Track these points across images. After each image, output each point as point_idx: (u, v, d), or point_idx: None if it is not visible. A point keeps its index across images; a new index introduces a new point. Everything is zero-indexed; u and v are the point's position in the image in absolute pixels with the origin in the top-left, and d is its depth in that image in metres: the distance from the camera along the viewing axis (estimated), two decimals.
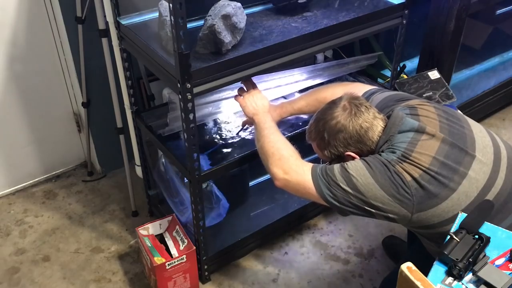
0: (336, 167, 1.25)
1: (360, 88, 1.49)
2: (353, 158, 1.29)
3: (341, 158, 1.31)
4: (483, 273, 0.94)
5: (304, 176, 1.28)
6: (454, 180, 1.19)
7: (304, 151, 1.41)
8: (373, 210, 1.21)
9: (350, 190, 1.21)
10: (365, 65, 2.07)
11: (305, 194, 1.29)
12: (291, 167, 1.31)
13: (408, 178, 1.18)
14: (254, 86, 1.60)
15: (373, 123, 1.28)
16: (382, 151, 1.25)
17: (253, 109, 1.54)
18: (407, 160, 1.20)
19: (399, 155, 1.21)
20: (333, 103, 1.33)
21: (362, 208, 1.22)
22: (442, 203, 1.18)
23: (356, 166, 1.23)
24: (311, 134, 1.36)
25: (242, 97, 1.58)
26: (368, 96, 1.44)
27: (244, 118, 1.66)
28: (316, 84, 1.94)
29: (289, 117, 1.69)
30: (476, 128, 1.31)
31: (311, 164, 1.31)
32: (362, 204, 1.21)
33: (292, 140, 1.42)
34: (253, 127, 1.56)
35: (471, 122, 1.33)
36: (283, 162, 1.33)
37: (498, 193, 1.22)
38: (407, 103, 1.34)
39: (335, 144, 1.29)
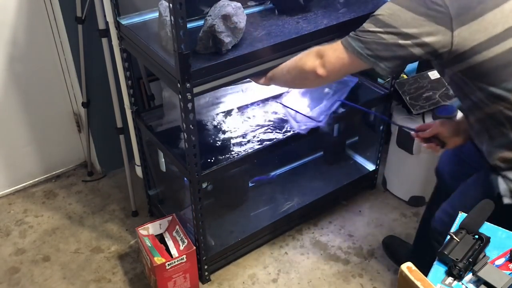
0: (365, 22, 1.22)
1: None
2: None
3: None
4: (483, 273, 0.93)
5: (338, 48, 1.24)
6: None
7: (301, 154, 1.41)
8: (409, 42, 1.13)
9: (380, 29, 1.16)
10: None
11: (345, 65, 1.24)
12: (324, 50, 1.28)
13: None
14: None
15: None
16: None
17: (266, 75, 1.50)
18: None
19: None
20: None
21: (398, 44, 1.14)
22: (489, 12, 1.06)
23: (381, 7, 1.19)
24: None
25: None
26: None
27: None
28: None
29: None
30: None
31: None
32: (396, 39, 1.14)
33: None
34: None
35: None
36: (313, 52, 1.30)
37: None
38: None
39: None
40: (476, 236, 1.02)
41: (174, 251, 1.69)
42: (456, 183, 1.40)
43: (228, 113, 1.85)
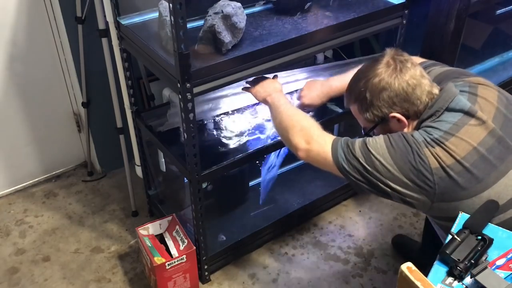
0: (358, 141, 1.20)
1: (417, 60, 1.41)
2: (399, 121, 1.22)
3: (386, 122, 1.24)
4: (481, 278, 0.92)
5: (325, 147, 1.23)
6: (489, 177, 1.11)
7: None
8: (389, 191, 1.15)
9: (368, 167, 1.15)
10: None
11: (324, 165, 1.24)
12: (312, 137, 1.27)
13: (434, 165, 1.11)
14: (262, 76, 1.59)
15: (421, 81, 1.19)
16: (420, 128, 1.19)
17: (264, 92, 1.51)
18: (442, 144, 1.11)
19: (436, 137, 1.13)
20: (375, 60, 1.24)
21: (379, 187, 1.16)
22: (469, 199, 1.11)
23: (377, 144, 1.16)
24: (351, 95, 1.28)
25: (251, 86, 1.57)
26: (425, 66, 1.34)
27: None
28: None
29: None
30: None
31: (333, 136, 1.26)
32: (379, 183, 1.15)
33: None
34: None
35: None
36: (304, 132, 1.29)
37: None
38: (470, 79, 1.26)
39: (379, 105, 1.21)
40: (479, 237, 1.01)
41: (174, 251, 1.69)
42: None
43: (228, 113, 1.85)
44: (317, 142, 1.25)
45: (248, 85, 1.61)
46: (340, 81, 1.58)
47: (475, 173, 1.11)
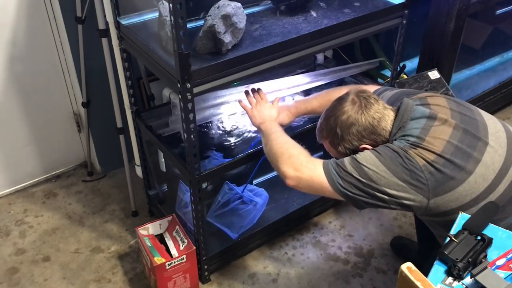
0: (347, 159, 1.26)
1: (371, 88, 1.52)
2: None
3: (356, 153, 1.31)
4: (481, 278, 0.92)
5: (316, 171, 1.28)
6: (469, 164, 1.20)
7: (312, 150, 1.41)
8: (387, 198, 1.21)
9: (362, 179, 1.22)
10: (367, 69, 2.08)
11: (318, 190, 1.29)
12: (301, 164, 1.32)
13: (422, 162, 1.19)
14: (262, 96, 1.64)
15: (384, 113, 1.30)
16: (395, 139, 1.27)
17: (260, 118, 1.56)
18: (421, 145, 1.21)
19: (412, 141, 1.22)
20: (341, 99, 1.34)
21: (377, 196, 1.22)
22: (459, 186, 1.19)
23: (366, 156, 1.24)
24: (323, 132, 1.37)
25: (249, 107, 1.61)
26: (378, 94, 1.46)
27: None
28: (317, 86, 1.94)
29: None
30: (487, 115, 1.34)
31: (321, 160, 1.31)
32: (376, 192, 1.21)
33: (300, 137, 1.43)
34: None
35: (481, 111, 1.36)
36: (293, 160, 1.34)
37: None
38: (417, 95, 1.37)
39: (349, 139, 1.30)
40: (479, 237, 1.01)
41: (174, 251, 1.69)
42: None
43: (228, 114, 1.85)
44: (307, 167, 1.31)
45: (246, 97, 1.65)
46: (304, 103, 1.67)
47: (457, 162, 1.19)
